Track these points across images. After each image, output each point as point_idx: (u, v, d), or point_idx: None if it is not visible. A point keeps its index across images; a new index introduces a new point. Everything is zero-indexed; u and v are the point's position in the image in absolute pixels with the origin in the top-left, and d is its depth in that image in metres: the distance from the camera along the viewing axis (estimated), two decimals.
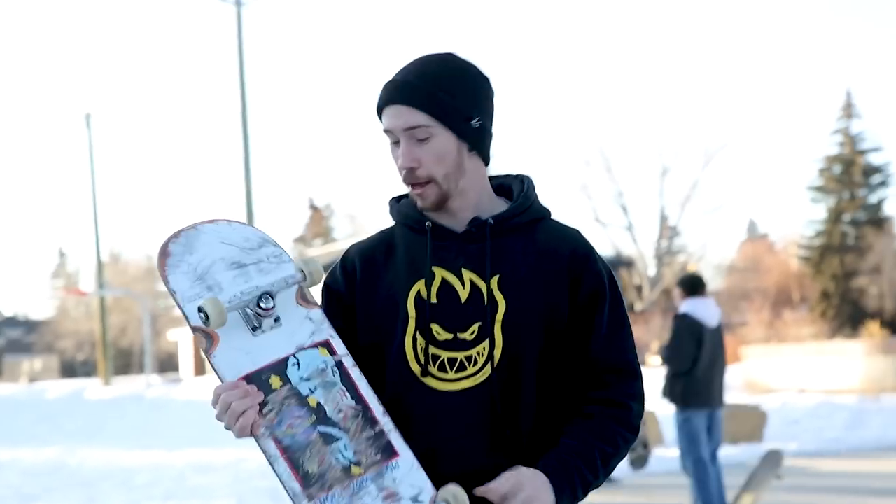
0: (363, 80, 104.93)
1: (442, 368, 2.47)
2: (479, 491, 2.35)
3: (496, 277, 2.48)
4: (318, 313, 2.47)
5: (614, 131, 74.90)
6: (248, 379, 2.40)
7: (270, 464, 2.37)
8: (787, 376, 29.27)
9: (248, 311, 2.45)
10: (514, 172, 2.70)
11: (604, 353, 2.51)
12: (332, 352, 2.44)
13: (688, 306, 9.14)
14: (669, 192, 65.50)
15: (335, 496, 2.34)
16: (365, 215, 74.12)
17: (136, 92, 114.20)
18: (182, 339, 62.01)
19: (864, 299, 47.69)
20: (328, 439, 2.38)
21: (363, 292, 2.56)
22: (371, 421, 2.40)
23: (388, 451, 2.37)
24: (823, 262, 49.88)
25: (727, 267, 63.71)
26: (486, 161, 2.59)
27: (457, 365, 2.47)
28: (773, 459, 9.61)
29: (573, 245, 2.55)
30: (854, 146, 50.60)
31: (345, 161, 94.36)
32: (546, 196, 2.68)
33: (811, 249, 51.58)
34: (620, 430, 2.48)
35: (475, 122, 2.51)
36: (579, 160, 58.56)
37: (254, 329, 2.44)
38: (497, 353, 2.46)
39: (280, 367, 2.42)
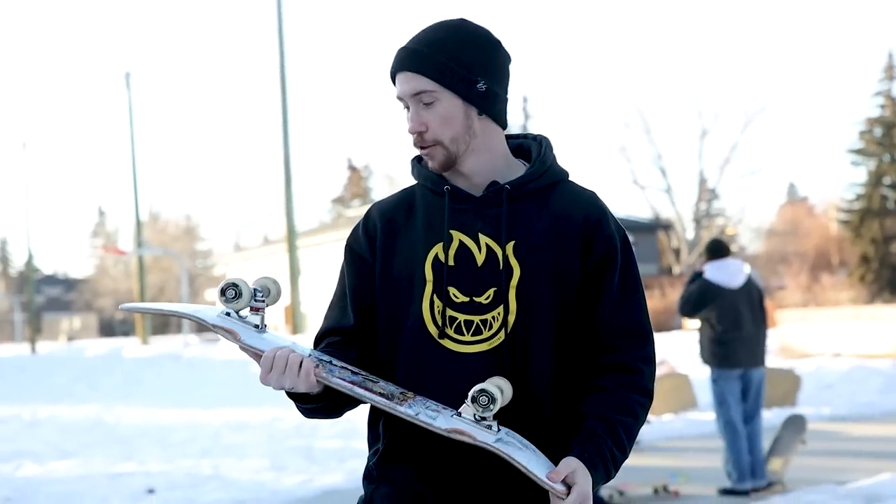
0: (402, 39, 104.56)
1: (458, 331, 2.51)
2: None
3: (511, 243, 2.52)
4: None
5: (653, 93, 74.52)
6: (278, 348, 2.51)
7: (348, 392, 2.46)
8: (822, 340, 29.12)
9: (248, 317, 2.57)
10: (533, 133, 2.73)
11: (613, 317, 2.54)
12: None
13: (707, 268, 9.27)
14: (708, 154, 65.18)
15: (417, 402, 2.45)
16: (403, 176, 74.11)
17: (176, 51, 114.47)
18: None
19: None
20: (371, 380, 2.48)
21: (383, 253, 2.60)
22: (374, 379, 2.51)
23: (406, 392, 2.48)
24: (863, 226, 49.44)
25: (766, 230, 63.34)
26: (502, 124, 2.63)
27: (473, 328, 2.51)
28: (796, 424, 9.61)
29: (586, 209, 2.57)
30: None
31: (383, 121, 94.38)
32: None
33: (851, 213, 51.12)
34: (636, 398, 2.52)
35: (481, 86, 2.55)
36: (618, 122, 58.21)
37: (256, 327, 2.55)
38: (511, 319, 2.49)
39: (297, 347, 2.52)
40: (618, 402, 2.50)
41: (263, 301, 2.55)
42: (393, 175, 75.77)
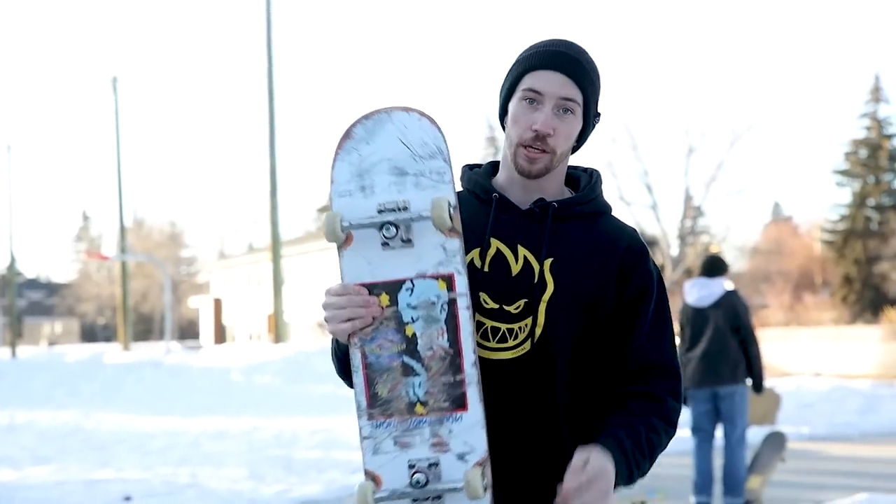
0: (392, 45, 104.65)
1: (484, 336, 2.53)
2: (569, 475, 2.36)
3: (550, 260, 2.54)
4: (454, 244, 2.43)
5: (641, 110, 74.64)
6: (362, 287, 2.46)
7: (352, 371, 2.46)
8: (803, 360, 29.23)
9: None
10: (584, 166, 2.78)
11: (644, 351, 2.57)
12: (450, 287, 2.43)
13: (685, 287, 9.45)
14: (695, 172, 65.16)
15: (391, 424, 2.42)
16: None
17: (163, 57, 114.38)
18: (203, 307, 62.30)
19: (886, 285, 47.47)
20: (407, 371, 2.43)
21: None
22: (455, 368, 2.42)
23: (458, 402, 2.41)
24: (846, 247, 49.64)
25: (750, 249, 63.44)
26: (573, 153, 2.69)
27: (499, 335, 2.52)
28: (776, 442, 9.63)
29: (629, 241, 2.61)
30: (881, 130, 50.28)
31: None
32: (595, 169, 2.75)
33: (835, 233, 51.32)
34: (660, 422, 2.54)
35: (596, 119, 2.65)
36: (605, 138, 58.29)
37: (384, 244, 2.45)
38: (538, 332, 2.51)
39: (394, 288, 2.45)
40: (644, 419, 2.52)
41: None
42: None
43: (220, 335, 58.79)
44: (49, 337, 79.73)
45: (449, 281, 2.42)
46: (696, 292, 9.21)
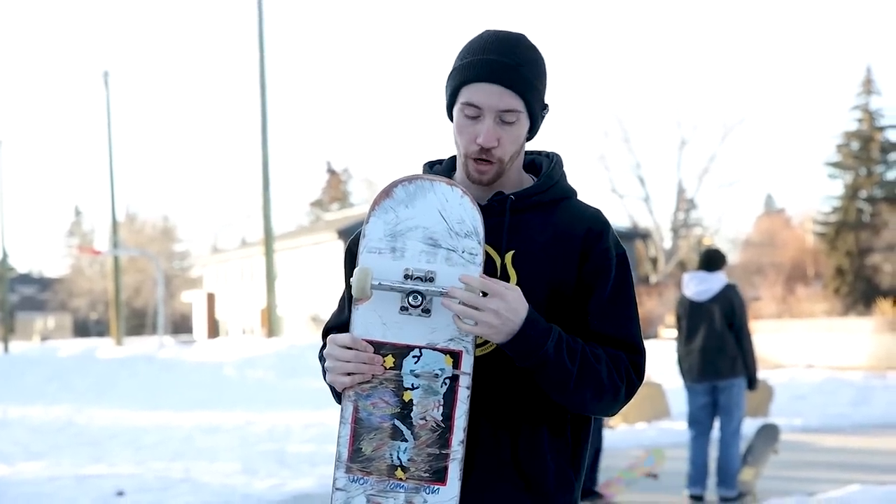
0: (382, 44, 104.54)
1: None
2: (463, 277, 2.38)
3: (511, 252, 2.53)
4: None
5: (633, 102, 74.67)
6: (369, 344, 2.47)
7: (339, 422, 2.49)
8: (795, 352, 29.28)
9: None
10: (546, 150, 2.75)
11: (602, 326, 2.53)
12: (456, 364, 2.44)
13: (682, 280, 9.49)
14: (687, 164, 65.33)
15: (367, 482, 2.45)
16: (382, 180, 74.11)
17: (155, 51, 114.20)
18: (196, 301, 62.25)
19: (879, 276, 47.56)
20: (396, 435, 2.45)
21: None
22: (444, 442, 2.44)
23: (438, 476, 2.42)
24: (839, 239, 49.72)
25: (743, 241, 63.56)
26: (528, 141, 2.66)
27: None
28: (769, 434, 9.65)
29: (589, 223, 2.57)
30: (873, 122, 50.35)
31: (363, 125, 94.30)
32: (563, 165, 2.73)
33: (827, 225, 51.41)
34: (609, 363, 2.47)
35: (545, 112, 2.60)
36: (597, 130, 58.32)
37: (402, 308, 2.46)
38: None
39: (401, 352, 2.46)
40: (589, 346, 2.48)
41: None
42: (372, 179, 75.73)
43: (214, 330, 58.73)
44: (41, 332, 79.65)
45: (457, 358, 2.43)
46: (695, 286, 9.22)
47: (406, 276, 2.44)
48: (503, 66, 2.49)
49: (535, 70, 2.53)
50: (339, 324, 2.68)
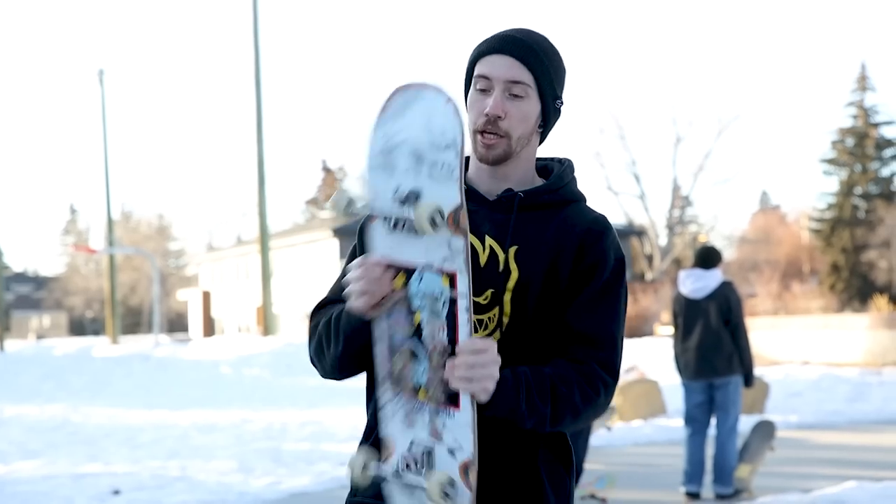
0: (378, 41, 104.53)
1: None
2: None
3: (514, 248, 2.55)
4: (459, 243, 2.39)
5: (628, 99, 74.69)
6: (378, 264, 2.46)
7: (374, 343, 2.49)
8: (791, 348, 29.31)
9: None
10: (560, 157, 2.76)
11: (580, 320, 2.52)
12: (452, 285, 2.40)
13: (678, 277, 9.50)
14: (682, 161, 65.29)
15: (400, 401, 2.47)
16: None
17: (150, 49, 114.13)
18: (192, 300, 62.21)
19: (874, 273, 47.63)
20: (414, 355, 2.45)
21: None
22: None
23: (452, 400, 2.40)
24: (834, 235, 49.78)
25: (738, 238, 63.59)
26: (542, 141, 2.68)
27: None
28: (765, 431, 9.65)
29: (590, 224, 2.60)
30: (868, 119, 50.41)
31: (359, 123, 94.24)
32: (569, 159, 2.75)
33: (822, 222, 51.47)
34: (577, 380, 2.46)
35: (558, 103, 2.63)
36: (593, 128, 58.34)
37: (393, 225, 2.45)
38: (505, 320, 2.53)
39: (408, 272, 2.45)
40: (552, 368, 2.46)
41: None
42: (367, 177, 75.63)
43: (209, 328, 58.71)
44: (37, 331, 79.58)
45: (452, 279, 2.40)
46: (691, 283, 9.22)
47: (394, 194, 2.44)
48: (515, 40, 2.56)
49: (550, 57, 2.58)
50: (334, 297, 2.67)
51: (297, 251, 50.78)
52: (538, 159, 2.73)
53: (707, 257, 9.29)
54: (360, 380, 2.70)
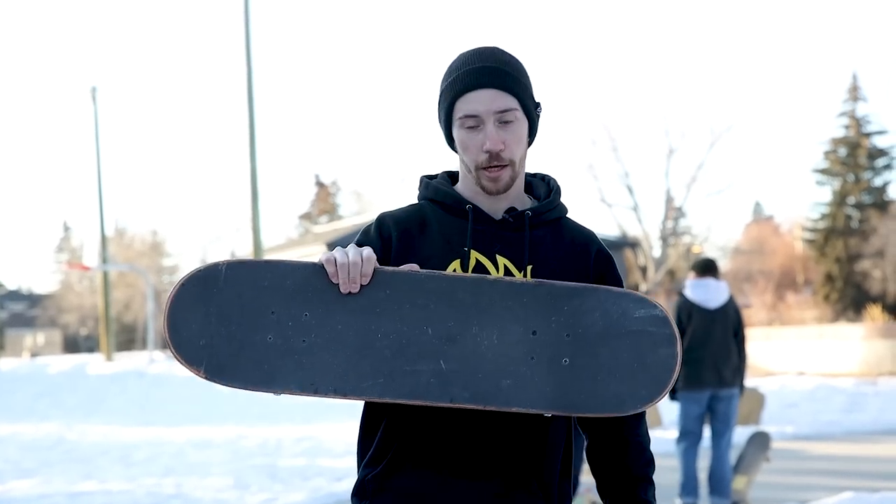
0: (371, 56, 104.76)
1: None
2: None
3: (530, 267, 2.58)
4: None
5: (620, 111, 74.74)
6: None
7: None
8: (786, 359, 29.31)
9: None
10: (539, 172, 2.81)
11: None
12: None
13: (687, 285, 9.30)
14: (675, 172, 65.43)
15: None
16: (371, 192, 74.09)
17: (143, 66, 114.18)
18: None
19: (868, 283, 47.66)
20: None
21: (399, 261, 2.58)
22: None
23: None
24: (828, 245, 49.84)
25: (732, 249, 63.62)
26: (528, 146, 2.70)
27: None
28: (760, 441, 9.64)
29: (597, 246, 2.69)
30: (860, 129, 50.53)
31: (352, 138, 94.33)
32: (551, 174, 2.80)
33: (816, 232, 51.54)
34: (649, 480, 2.87)
35: (538, 111, 2.66)
36: (585, 140, 58.33)
37: None
38: None
39: None
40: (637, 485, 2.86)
41: None
42: (361, 191, 75.69)
43: None
44: (31, 348, 79.30)
45: None
46: (704, 293, 9.11)
47: None
48: (489, 71, 2.56)
49: (517, 68, 2.60)
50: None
51: None
52: None
53: (712, 268, 9.27)
54: None
